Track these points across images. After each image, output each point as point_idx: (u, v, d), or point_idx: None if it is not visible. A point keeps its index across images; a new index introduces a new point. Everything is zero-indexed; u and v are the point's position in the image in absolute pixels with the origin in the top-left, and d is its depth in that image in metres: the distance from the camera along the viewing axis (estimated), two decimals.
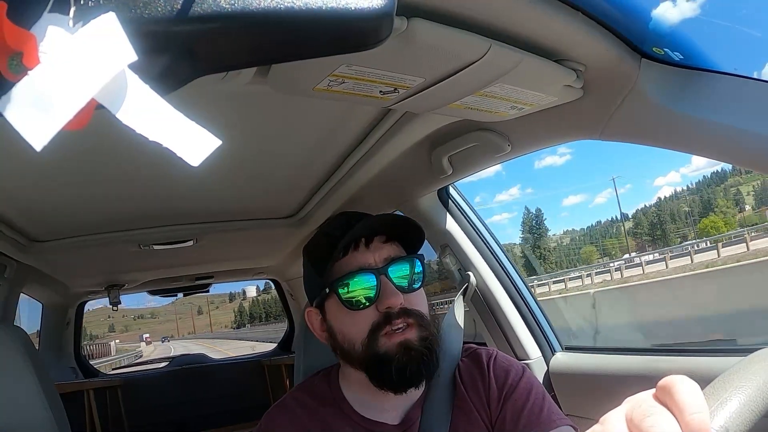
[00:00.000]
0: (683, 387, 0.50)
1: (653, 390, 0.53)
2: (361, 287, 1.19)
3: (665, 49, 1.14)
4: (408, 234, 1.28)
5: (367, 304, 1.18)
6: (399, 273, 1.21)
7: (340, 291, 1.20)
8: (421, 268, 1.26)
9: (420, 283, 1.25)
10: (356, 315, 1.19)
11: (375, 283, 1.18)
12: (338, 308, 1.22)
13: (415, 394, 1.28)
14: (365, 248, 1.22)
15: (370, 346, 1.17)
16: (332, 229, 1.27)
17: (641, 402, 0.52)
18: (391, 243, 1.25)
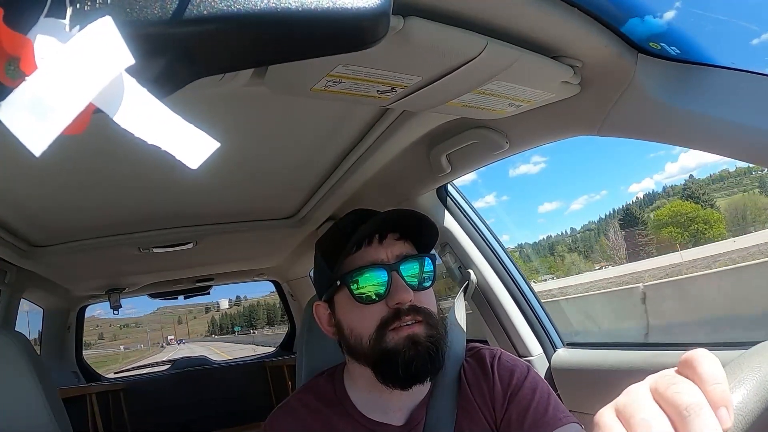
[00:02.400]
0: (705, 360, 0.51)
1: (675, 367, 0.54)
2: (372, 282, 1.20)
3: (662, 44, 1.14)
4: (421, 232, 1.28)
5: (377, 299, 1.19)
6: (410, 271, 1.22)
7: (351, 285, 1.20)
8: (431, 268, 1.26)
9: (430, 281, 1.25)
10: (365, 309, 1.20)
11: (386, 278, 1.19)
12: (348, 302, 1.22)
13: (419, 394, 1.28)
14: (378, 244, 1.23)
15: (378, 341, 1.17)
16: (346, 223, 1.28)
17: (665, 374, 0.53)
18: (404, 241, 1.26)
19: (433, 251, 1.31)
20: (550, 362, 2.17)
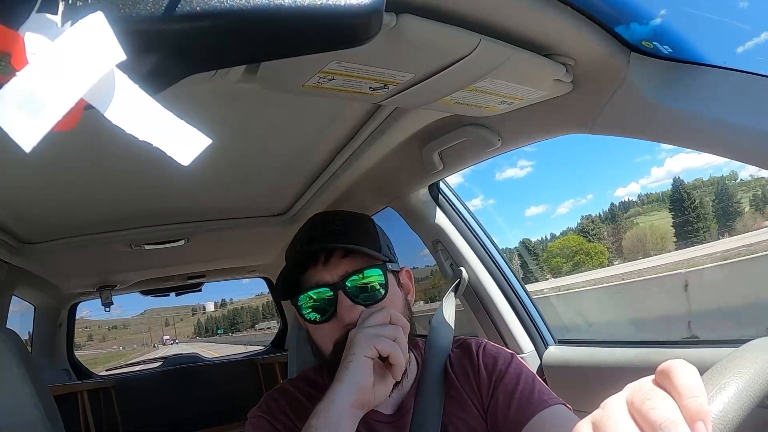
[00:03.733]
0: (682, 371, 0.51)
1: (653, 376, 0.54)
2: (318, 305, 1.21)
3: (654, 43, 1.14)
4: (367, 245, 1.25)
5: (328, 318, 1.20)
6: (358, 285, 1.21)
7: (301, 308, 1.22)
8: (383, 277, 1.23)
9: (385, 290, 1.23)
10: (318, 329, 1.22)
11: (332, 299, 1.19)
12: (304, 320, 1.26)
13: (407, 384, 1.29)
14: (322, 266, 1.21)
15: (338, 359, 1.14)
16: (299, 237, 1.29)
17: (641, 386, 0.53)
18: (352, 257, 1.23)
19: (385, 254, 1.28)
20: (541, 359, 2.17)
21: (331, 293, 1.19)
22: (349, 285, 1.19)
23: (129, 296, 4.92)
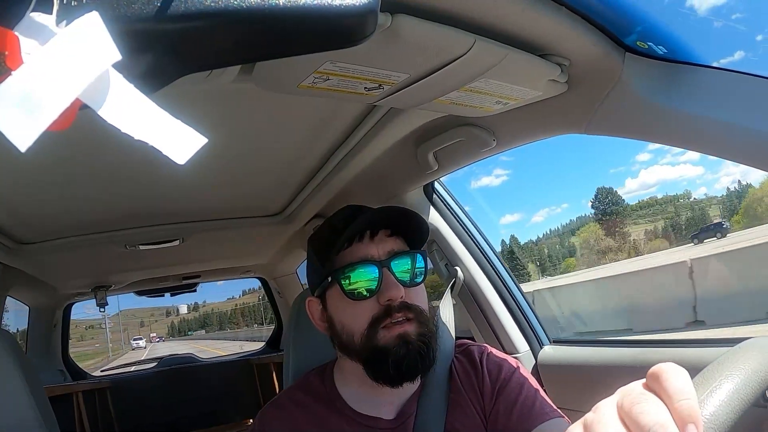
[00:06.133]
0: (672, 374, 0.51)
1: (644, 380, 0.54)
2: (363, 278, 1.20)
3: (649, 43, 1.15)
4: (412, 229, 1.28)
5: (368, 295, 1.19)
6: (401, 267, 1.22)
7: (343, 281, 1.21)
8: (423, 264, 1.27)
9: (422, 278, 1.26)
10: (357, 306, 1.20)
11: (377, 275, 1.19)
12: (339, 298, 1.23)
13: (410, 388, 1.29)
14: (369, 240, 1.23)
15: (370, 339, 1.18)
16: (337, 220, 1.29)
17: (631, 390, 0.53)
18: (396, 237, 1.26)
19: (424, 248, 1.31)
20: (536, 359, 2.18)
21: (377, 269, 1.20)
22: (394, 263, 1.21)
23: None
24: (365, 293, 1.20)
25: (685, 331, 11.80)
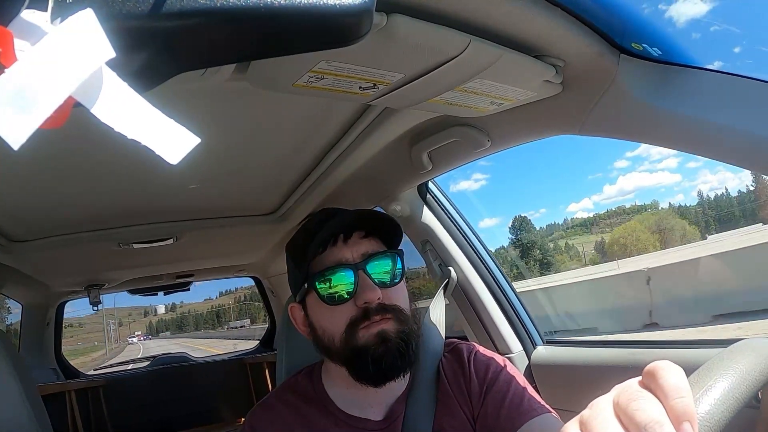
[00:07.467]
0: (668, 372, 0.51)
1: (640, 377, 0.54)
2: (338, 283, 1.20)
3: (644, 45, 1.15)
4: (386, 230, 1.28)
5: (346, 298, 1.19)
6: (378, 268, 1.22)
7: (319, 286, 1.20)
8: (400, 264, 1.26)
9: (400, 278, 1.25)
10: (335, 310, 1.20)
11: (353, 278, 1.19)
12: (317, 303, 1.23)
13: (398, 389, 1.29)
14: (343, 244, 1.23)
15: (349, 340, 1.17)
16: (311, 224, 1.28)
17: (627, 388, 0.53)
18: (370, 238, 1.26)
19: (401, 247, 1.31)
20: (529, 359, 2.18)
21: (352, 272, 1.20)
22: (370, 265, 1.21)
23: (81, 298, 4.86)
24: (342, 297, 1.20)
25: None
